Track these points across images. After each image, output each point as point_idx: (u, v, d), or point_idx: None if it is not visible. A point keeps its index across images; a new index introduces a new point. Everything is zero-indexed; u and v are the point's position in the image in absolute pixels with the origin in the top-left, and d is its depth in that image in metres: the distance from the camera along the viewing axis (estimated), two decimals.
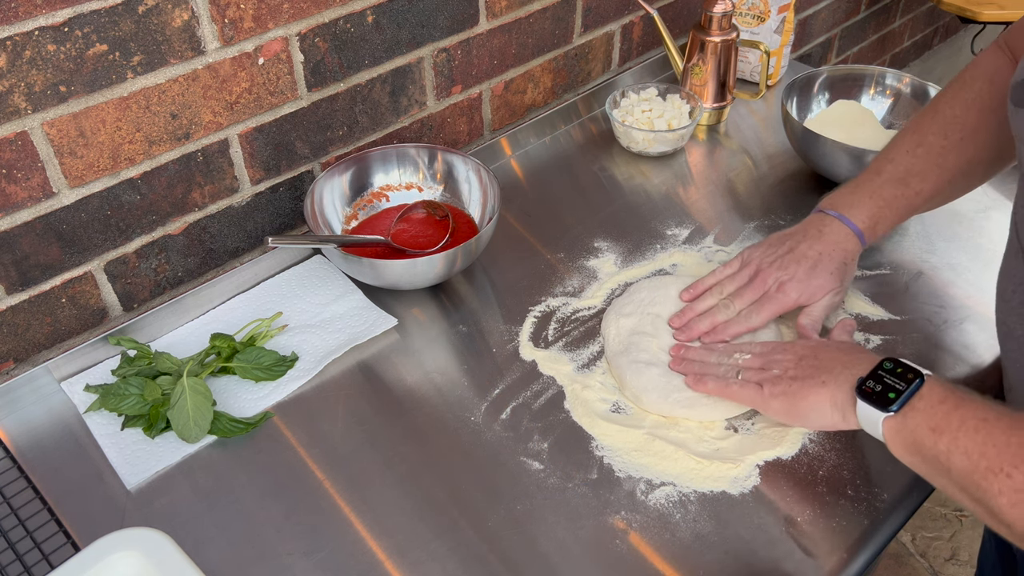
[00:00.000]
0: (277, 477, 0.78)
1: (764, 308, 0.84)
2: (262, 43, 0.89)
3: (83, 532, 0.73)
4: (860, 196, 0.86)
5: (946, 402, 0.62)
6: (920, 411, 0.63)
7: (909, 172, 0.84)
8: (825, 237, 0.85)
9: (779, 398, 0.73)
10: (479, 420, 0.82)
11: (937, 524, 1.82)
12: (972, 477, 0.58)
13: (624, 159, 1.18)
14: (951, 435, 0.60)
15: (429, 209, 1.03)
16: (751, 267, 0.87)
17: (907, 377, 0.65)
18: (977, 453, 0.58)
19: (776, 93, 1.32)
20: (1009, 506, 0.56)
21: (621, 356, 0.85)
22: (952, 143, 0.83)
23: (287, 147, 0.98)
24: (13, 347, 0.87)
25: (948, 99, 0.85)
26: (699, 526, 0.72)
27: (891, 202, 0.85)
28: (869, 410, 0.66)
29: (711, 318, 0.85)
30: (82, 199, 0.84)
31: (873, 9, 1.92)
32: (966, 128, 0.82)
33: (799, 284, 0.83)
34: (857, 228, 0.85)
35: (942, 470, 0.61)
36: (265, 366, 0.86)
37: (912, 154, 0.84)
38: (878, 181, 0.85)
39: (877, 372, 0.67)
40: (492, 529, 0.73)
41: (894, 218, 0.86)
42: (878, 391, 0.66)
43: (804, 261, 0.84)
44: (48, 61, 0.76)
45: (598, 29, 1.25)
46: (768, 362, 0.77)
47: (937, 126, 0.84)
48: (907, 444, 0.64)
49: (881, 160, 0.87)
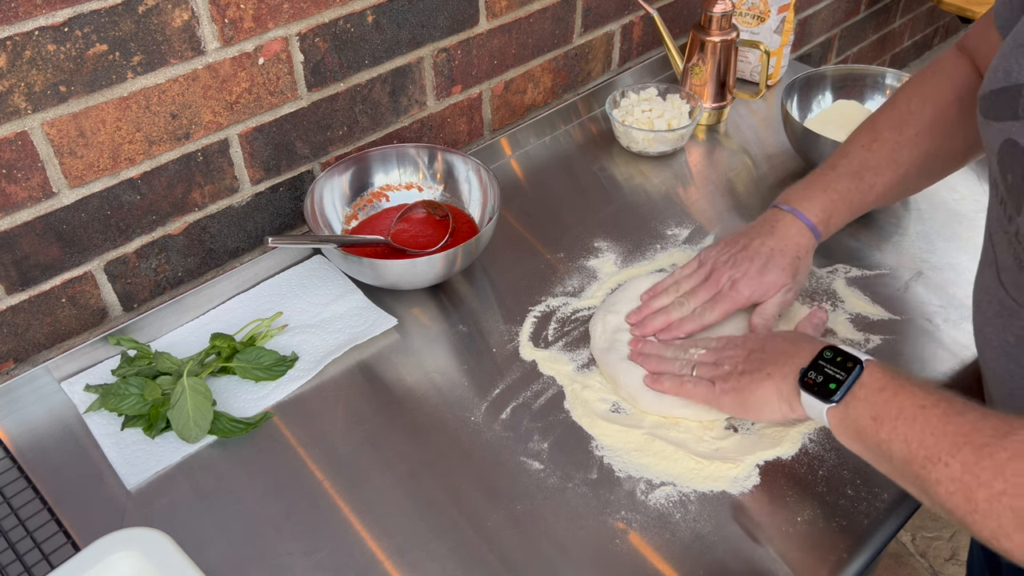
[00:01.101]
0: (277, 477, 0.78)
1: (717, 306, 0.85)
2: (262, 43, 0.89)
3: (83, 532, 0.73)
4: (814, 190, 0.87)
5: (886, 390, 0.63)
6: (861, 400, 0.64)
7: (863, 166, 0.85)
8: (778, 232, 0.86)
9: (729, 394, 0.75)
10: (479, 420, 0.82)
11: (937, 524, 1.82)
12: (911, 466, 0.59)
13: (624, 159, 1.18)
14: (891, 423, 0.61)
15: (429, 209, 1.03)
16: (707, 266, 0.88)
17: (847, 366, 0.66)
18: (916, 442, 0.58)
19: (776, 93, 1.32)
20: (947, 495, 0.56)
21: (607, 353, 0.85)
22: (907, 138, 0.83)
23: (287, 147, 0.98)
24: (13, 347, 0.87)
25: (905, 95, 0.86)
26: (699, 526, 0.72)
27: (845, 196, 0.85)
28: (813, 401, 0.67)
29: (666, 316, 0.86)
30: (82, 199, 0.84)
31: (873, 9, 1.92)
32: (921, 123, 0.83)
33: (751, 281, 0.84)
34: (810, 222, 0.86)
35: (884, 458, 0.62)
36: (265, 366, 0.86)
37: (867, 149, 0.85)
38: (832, 175, 0.86)
39: (818, 362, 0.68)
40: (492, 529, 0.73)
41: (848, 212, 0.86)
42: (819, 382, 0.67)
43: (756, 258, 0.85)
44: (48, 61, 0.76)
45: (598, 29, 1.25)
46: (720, 358, 0.78)
47: (892, 121, 0.85)
48: (850, 432, 0.65)
49: (836, 155, 0.88)
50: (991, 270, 0.66)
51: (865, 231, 1.03)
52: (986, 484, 0.54)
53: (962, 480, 0.55)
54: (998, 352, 0.67)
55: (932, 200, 1.07)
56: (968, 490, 0.55)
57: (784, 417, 0.72)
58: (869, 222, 1.04)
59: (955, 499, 0.56)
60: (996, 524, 0.53)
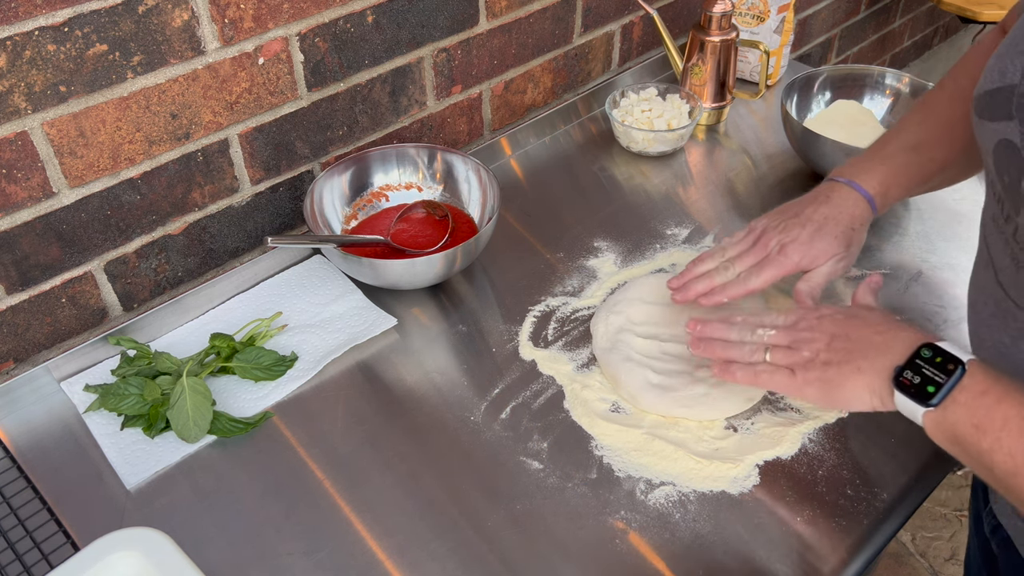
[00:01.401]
0: (277, 477, 0.78)
1: (764, 270, 0.81)
2: (262, 43, 0.89)
3: (83, 532, 0.73)
4: (871, 163, 0.84)
5: (988, 394, 0.59)
6: (961, 404, 0.60)
7: (920, 141, 0.83)
8: (833, 201, 0.83)
9: (814, 385, 0.69)
10: (479, 420, 0.82)
11: (937, 524, 1.82)
12: (1016, 479, 0.56)
13: (624, 159, 1.18)
14: (994, 434, 0.57)
15: (429, 209, 1.03)
16: (755, 232, 0.85)
17: (947, 367, 0.61)
18: (1021, 456, 0.56)
19: (776, 93, 1.32)
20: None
21: (610, 353, 0.85)
22: (960, 114, 0.81)
23: (287, 147, 0.98)
24: (13, 347, 0.87)
25: (953, 76, 0.84)
26: (699, 526, 0.72)
27: (903, 168, 0.83)
28: (908, 402, 0.63)
29: (708, 280, 0.83)
30: (82, 199, 0.84)
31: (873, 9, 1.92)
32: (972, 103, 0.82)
33: (801, 247, 0.81)
34: (868, 193, 0.83)
35: (984, 467, 0.59)
36: (265, 366, 0.86)
37: (922, 125, 0.83)
38: (890, 149, 0.84)
39: (915, 361, 0.63)
40: (492, 529, 0.73)
41: (907, 184, 0.83)
42: (916, 383, 0.62)
43: (809, 224, 0.82)
44: (48, 61, 0.76)
45: (598, 29, 1.25)
46: (796, 340, 0.72)
47: (945, 98, 0.83)
48: (948, 437, 0.61)
49: (890, 133, 0.86)
50: (987, 271, 0.65)
51: None
52: None
53: None
54: (992, 353, 0.66)
55: (932, 200, 1.07)
56: None
57: (873, 409, 0.68)
58: None
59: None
60: None
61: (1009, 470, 0.56)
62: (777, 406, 0.82)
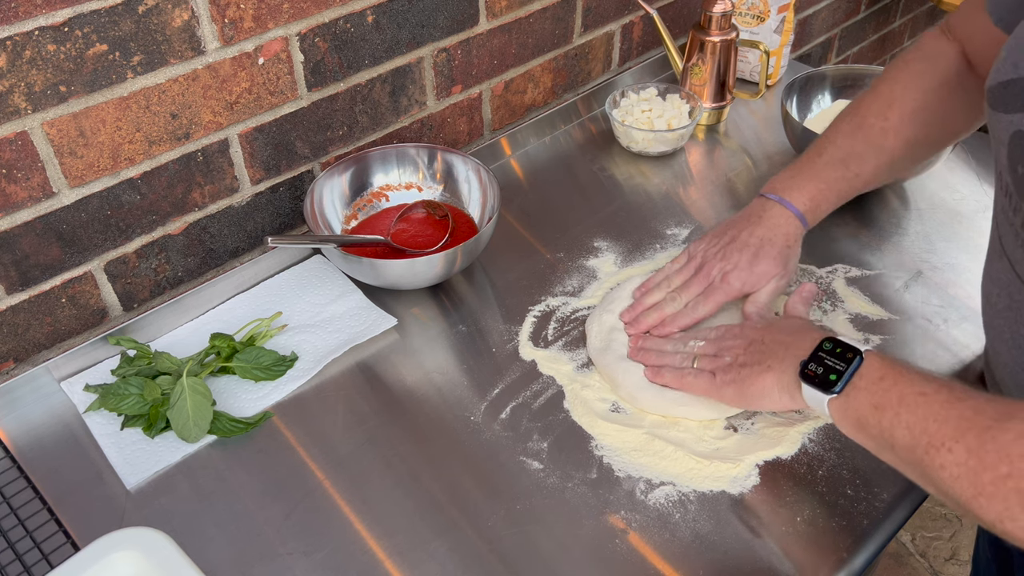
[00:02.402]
0: (277, 477, 0.78)
1: (710, 299, 0.85)
2: (262, 43, 0.89)
3: (83, 532, 0.73)
4: (801, 179, 0.87)
5: (885, 378, 0.63)
6: (861, 389, 0.64)
7: (849, 154, 0.85)
8: (766, 222, 0.86)
9: (730, 386, 0.75)
10: (479, 420, 0.82)
11: (937, 524, 1.82)
12: (915, 452, 0.59)
13: (624, 159, 1.18)
14: (892, 411, 0.61)
15: (429, 209, 1.03)
16: (696, 259, 0.88)
17: (846, 356, 0.66)
18: (918, 429, 0.59)
19: (776, 93, 1.32)
20: (951, 480, 0.56)
21: (604, 353, 0.85)
22: (891, 124, 0.84)
23: (287, 147, 0.98)
24: (13, 347, 0.87)
25: (888, 80, 0.86)
26: (699, 526, 0.72)
27: (832, 184, 0.86)
28: (814, 392, 0.67)
29: (659, 311, 0.86)
30: (82, 199, 0.84)
31: (873, 9, 1.92)
32: (905, 109, 0.83)
33: (742, 273, 0.85)
34: (798, 211, 0.86)
35: (886, 446, 0.62)
36: (265, 366, 0.86)
37: (852, 136, 0.86)
38: (819, 163, 0.87)
39: (817, 354, 0.68)
40: (492, 529, 0.73)
41: (835, 199, 0.87)
42: (820, 373, 0.67)
43: (746, 249, 0.85)
44: (48, 61, 0.76)
45: (598, 29, 1.25)
46: (721, 348, 0.79)
47: (876, 107, 0.85)
48: (852, 422, 0.65)
49: (821, 142, 0.88)
50: (1001, 263, 0.66)
51: (865, 231, 1.03)
52: (991, 467, 0.54)
53: (967, 465, 0.55)
54: (1010, 345, 0.67)
55: (932, 200, 1.07)
56: (973, 474, 0.55)
57: (785, 408, 0.73)
58: (869, 222, 1.04)
59: (960, 484, 0.56)
60: (1002, 507, 0.53)
61: (908, 443, 0.59)
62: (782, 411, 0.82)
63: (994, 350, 0.71)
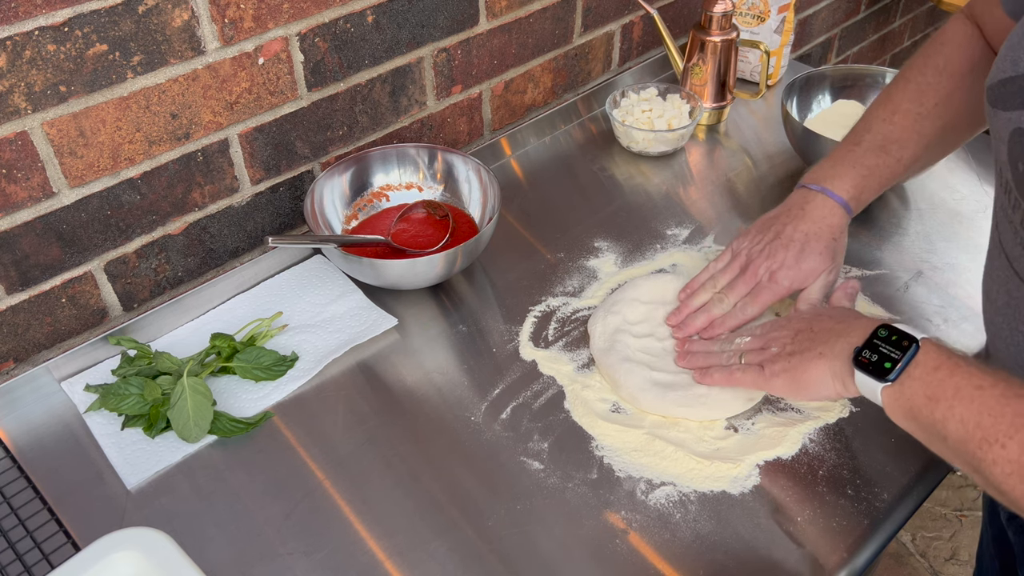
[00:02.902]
0: (277, 477, 0.78)
1: (758, 299, 0.84)
2: (262, 43, 0.89)
3: (83, 532, 0.73)
4: (842, 167, 0.85)
5: (941, 368, 0.62)
6: (916, 379, 0.63)
7: (888, 140, 0.84)
8: (809, 215, 0.84)
9: (780, 376, 0.73)
10: (479, 420, 0.82)
11: (937, 524, 1.82)
12: (967, 446, 0.58)
13: (624, 159, 1.18)
14: (947, 403, 0.60)
15: (429, 209, 1.03)
16: (741, 258, 0.86)
17: (902, 344, 0.65)
18: (972, 423, 0.58)
19: (776, 93, 1.32)
20: (1003, 476, 0.56)
21: (608, 354, 0.85)
22: (927, 110, 0.83)
23: (287, 147, 0.98)
24: (13, 347, 0.87)
25: (919, 67, 0.85)
26: (699, 526, 0.72)
27: (874, 170, 0.84)
28: (867, 380, 0.66)
29: (707, 313, 0.85)
30: (82, 199, 0.84)
31: (873, 9, 1.92)
32: (940, 94, 0.82)
33: (789, 271, 0.83)
34: (842, 199, 0.84)
35: (938, 437, 0.61)
36: (265, 366, 0.86)
37: (889, 122, 0.84)
38: (858, 151, 0.85)
39: (872, 341, 0.67)
40: (492, 529, 0.73)
41: (878, 186, 0.85)
42: (874, 361, 0.66)
43: (792, 246, 0.83)
44: (48, 61, 0.76)
45: (598, 29, 1.25)
46: (767, 341, 0.77)
47: (911, 94, 0.84)
48: (904, 411, 0.64)
49: (858, 131, 0.87)
50: (1000, 260, 0.66)
51: (865, 231, 1.03)
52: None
53: (1019, 461, 0.55)
54: (1008, 342, 0.67)
55: (932, 200, 1.07)
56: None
57: (837, 395, 0.71)
58: (869, 222, 1.04)
59: (1011, 480, 0.56)
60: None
61: (961, 437, 0.59)
62: (778, 406, 0.82)
63: (994, 347, 0.71)
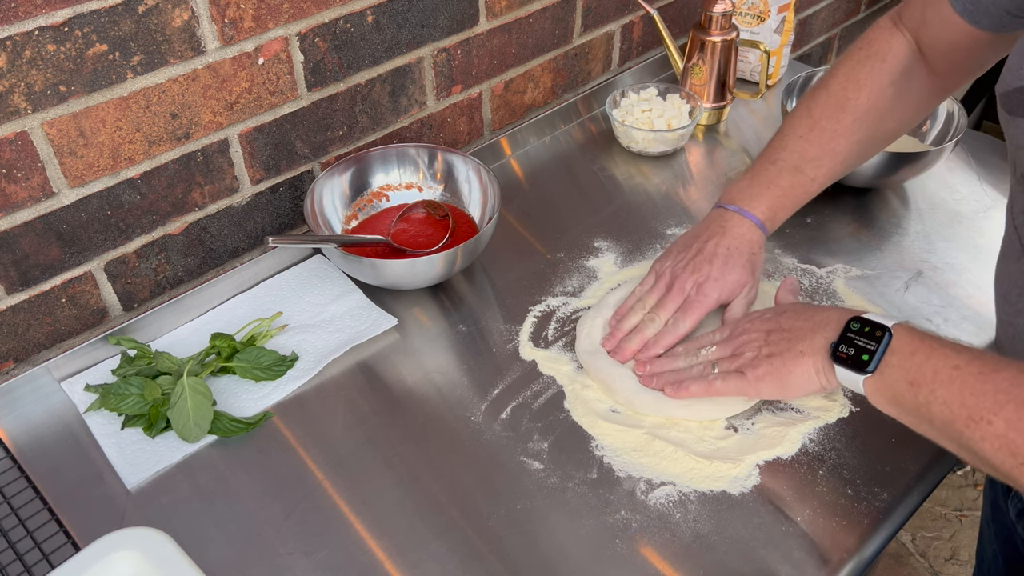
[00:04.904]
0: (277, 477, 0.78)
1: (689, 313, 0.84)
2: (262, 43, 0.89)
3: (83, 532, 0.73)
4: (757, 188, 0.87)
5: (918, 353, 0.63)
6: (895, 366, 0.64)
7: (803, 159, 0.85)
8: (729, 232, 0.86)
9: (765, 379, 0.74)
10: (479, 420, 0.82)
11: (937, 524, 1.83)
12: (954, 426, 0.59)
13: (624, 159, 1.18)
14: (928, 387, 0.61)
15: (429, 209, 1.03)
16: (666, 277, 0.87)
17: (875, 335, 0.66)
18: (956, 402, 0.59)
19: (776, 93, 1.32)
20: (993, 451, 0.57)
21: (595, 357, 0.85)
22: (844, 126, 0.84)
23: (287, 147, 0.98)
24: (13, 347, 0.87)
25: (840, 80, 0.85)
26: (699, 526, 0.72)
27: (787, 191, 0.86)
28: (848, 373, 0.67)
29: (640, 335, 0.85)
30: (82, 199, 0.84)
31: (873, 9, 1.92)
32: (858, 110, 0.84)
33: (716, 283, 0.84)
34: (758, 219, 0.86)
35: (924, 420, 0.62)
36: (265, 366, 0.86)
37: (805, 139, 0.86)
38: (773, 171, 0.87)
39: (846, 335, 0.68)
40: (492, 529, 0.73)
41: (791, 205, 0.87)
42: (851, 354, 0.67)
43: (715, 260, 0.84)
44: (48, 61, 0.76)
45: (598, 29, 1.25)
46: (738, 346, 0.78)
47: (829, 109, 0.85)
48: (888, 399, 0.65)
49: (775, 147, 0.88)
50: (1020, 264, 0.66)
51: (865, 231, 1.03)
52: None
53: (1007, 436, 0.56)
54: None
55: (932, 200, 1.07)
56: (1014, 445, 0.56)
57: (822, 390, 0.72)
58: (869, 222, 1.04)
59: (1001, 455, 0.57)
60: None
61: (946, 418, 0.60)
62: (778, 406, 0.82)
63: (1012, 348, 0.71)
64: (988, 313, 0.89)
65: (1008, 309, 0.70)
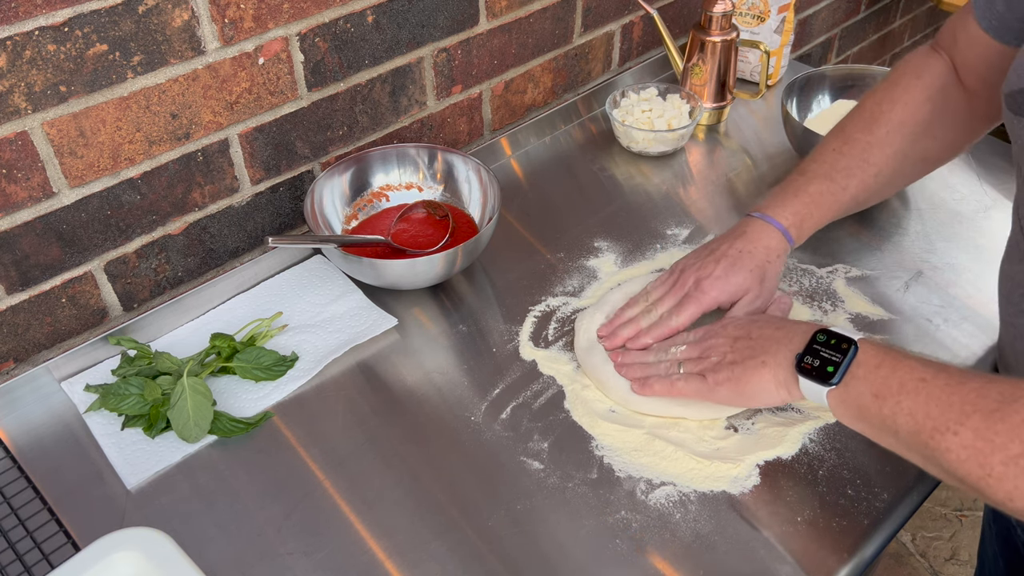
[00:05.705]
0: (277, 477, 0.78)
1: (684, 308, 0.84)
2: (262, 43, 0.89)
3: (83, 532, 0.73)
4: (784, 196, 0.86)
5: (883, 366, 0.63)
6: (860, 378, 0.64)
7: (834, 168, 0.85)
8: (747, 236, 0.85)
9: (724, 385, 0.74)
10: (479, 420, 0.82)
11: (937, 524, 1.83)
12: (919, 437, 0.59)
13: (624, 159, 1.18)
14: (893, 399, 0.61)
15: (429, 209, 1.03)
16: (675, 273, 0.87)
17: (841, 347, 0.66)
18: (922, 414, 0.59)
19: (776, 93, 1.32)
20: (958, 462, 0.57)
21: (591, 354, 0.85)
22: (877, 138, 0.84)
23: (287, 147, 0.98)
24: (13, 347, 0.87)
25: (875, 98, 0.86)
26: (699, 526, 0.72)
27: (816, 198, 0.85)
28: (812, 385, 0.67)
29: (634, 324, 0.85)
30: (82, 199, 0.84)
31: (873, 9, 1.92)
32: (891, 123, 0.83)
33: (717, 281, 0.83)
34: (782, 225, 0.85)
35: (889, 432, 0.62)
36: (265, 366, 0.86)
37: (838, 152, 0.85)
38: (802, 180, 0.86)
39: (812, 346, 0.68)
40: (492, 529, 0.73)
41: (821, 215, 0.86)
42: (816, 366, 0.67)
43: (723, 260, 0.84)
44: (48, 61, 0.76)
45: (598, 29, 1.25)
46: (705, 349, 0.78)
47: (862, 123, 0.85)
48: (853, 412, 0.65)
49: (807, 160, 0.88)
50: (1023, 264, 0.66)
51: (865, 231, 1.03)
52: (1001, 448, 0.54)
53: (974, 447, 0.56)
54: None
55: (932, 200, 1.07)
56: (981, 456, 0.55)
57: (782, 402, 0.73)
58: (869, 222, 1.04)
59: (967, 466, 0.56)
60: (1012, 486, 0.54)
61: (912, 429, 0.60)
62: (778, 406, 0.82)
63: (1013, 349, 0.71)
64: (988, 313, 0.89)
65: (1011, 309, 0.70)
